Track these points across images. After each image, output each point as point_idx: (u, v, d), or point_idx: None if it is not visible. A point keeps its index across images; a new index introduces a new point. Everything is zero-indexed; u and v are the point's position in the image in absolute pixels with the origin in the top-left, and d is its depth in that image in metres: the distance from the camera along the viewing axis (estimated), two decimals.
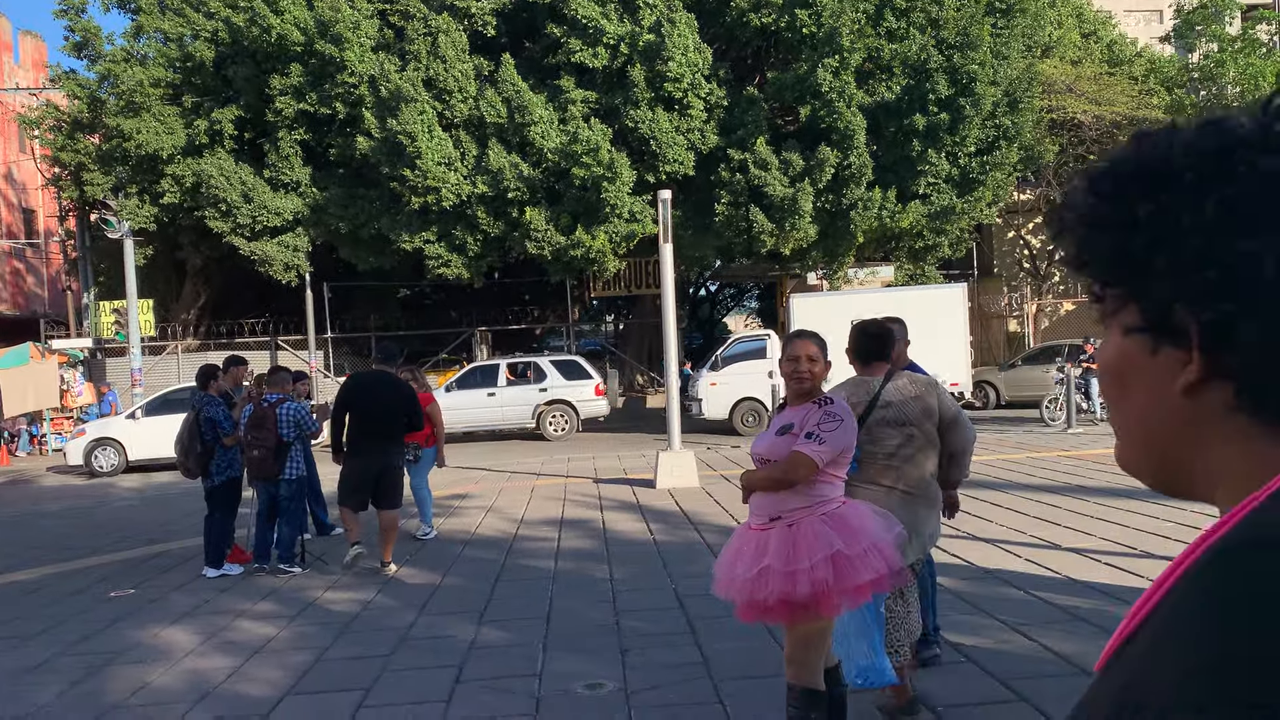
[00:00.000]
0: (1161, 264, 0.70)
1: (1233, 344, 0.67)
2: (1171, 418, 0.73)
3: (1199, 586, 0.65)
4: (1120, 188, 0.74)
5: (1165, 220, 0.69)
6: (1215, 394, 0.70)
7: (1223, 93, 25.49)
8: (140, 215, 23.03)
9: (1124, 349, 0.75)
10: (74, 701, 5.36)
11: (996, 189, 21.45)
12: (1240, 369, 0.68)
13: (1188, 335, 0.69)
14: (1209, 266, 0.67)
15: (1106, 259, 0.74)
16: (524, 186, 20.06)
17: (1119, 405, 0.78)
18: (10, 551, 10.50)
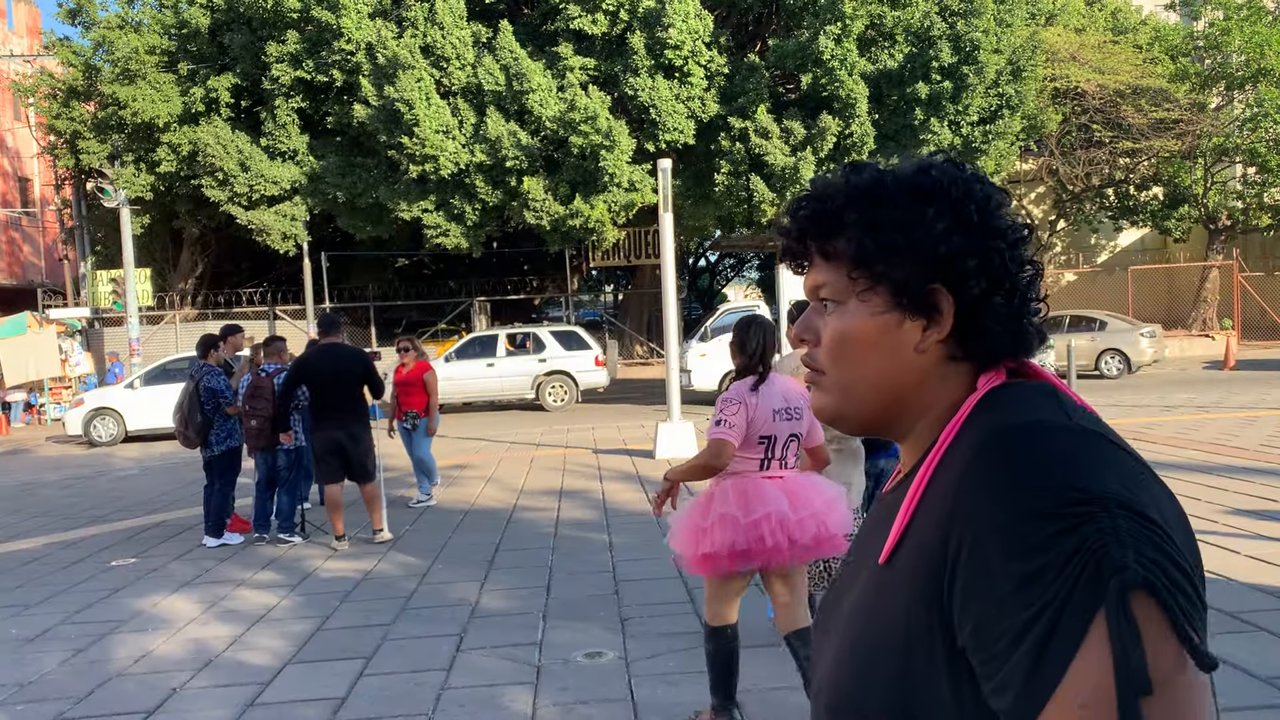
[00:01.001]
0: (934, 255, 0.96)
1: (978, 311, 0.96)
2: (907, 370, 0.99)
3: (993, 460, 0.87)
4: (896, 194, 0.97)
5: (941, 223, 0.96)
6: (943, 348, 0.98)
7: (1228, 61, 25.29)
8: (137, 184, 22.90)
9: (878, 320, 0.99)
10: (76, 669, 5.38)
11: (999, 158, 21.32)
12: (975, 330, 0.97)
13: (938, 307, 0.96)
14: (970, 257, 0.95)
15: (883, 249, 0.97)
16: (522, 155, 19.93)
17: (862, 366, 1.00)
18: (11, 521, 10.52)
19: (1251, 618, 5.02)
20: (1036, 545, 0.80)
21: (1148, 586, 0.78)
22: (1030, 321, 0.99)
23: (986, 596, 0.82)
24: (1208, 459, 9.91)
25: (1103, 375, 20.70)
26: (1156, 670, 0.76)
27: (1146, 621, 0.77)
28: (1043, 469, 0.84)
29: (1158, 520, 0.82)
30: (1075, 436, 0.88)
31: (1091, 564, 0.78)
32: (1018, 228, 0.99)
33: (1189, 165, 25.98)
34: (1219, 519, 7.24)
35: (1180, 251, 28.77)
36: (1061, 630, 0.77)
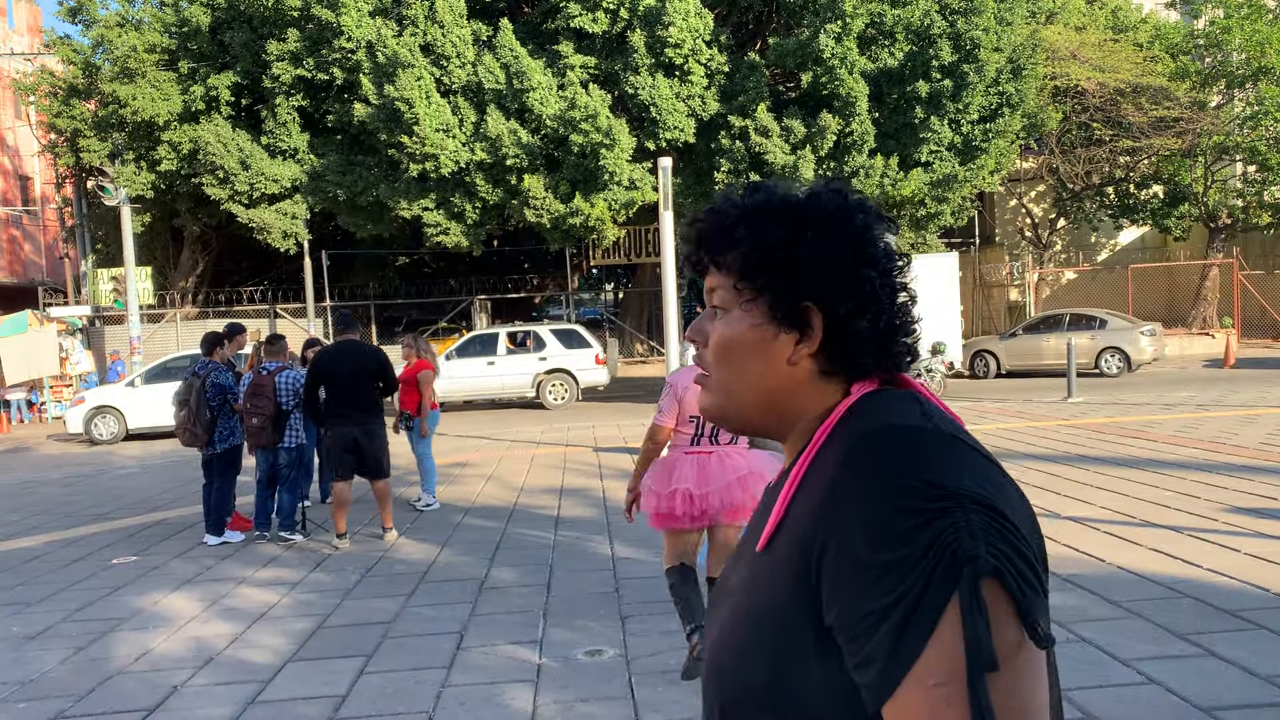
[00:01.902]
0: (809, 275, 1.04)
1: (845, 332, 1.04)
2: (781, 379, 1.07)
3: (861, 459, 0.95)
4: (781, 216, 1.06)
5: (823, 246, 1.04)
6: (815, 362, 1.06)
7: (1228, 59, 25.28)
8: (137, 182, 22.90)
9: (757, 329, 1.07)
10: (77, 667, 5.40)
11: (999, 157, 21.31)
12: (843, 348, 1.05)
13: (809, 324, 1.05)
14: (840, 282, 1.04)
15: (765, 264, 1.05)
16: (522, 153, 19.93)
17: (741, 370, 1.09)
18: (12, 519, 10.53)
19: (1251, 616, 5.03)
20: (898, 537, 0.88)
21: (996, 574, 0.86)
22: (900, 342, 1.08)
23: (853, 582, 0.90)
24: (1207, 457, 9.92)
25: (1103, 373, 20.71)
26: (1002, 648, 0.85)
27: (995, 605, 0.86)
28: (904, 468, 0.92)
29: (1007, 515, 0.90)
30: (934, 438, 0.96)
31: (947, 554, 0.86)
32: (892, 258, 1.08)
33: (1189, 163, 25.97)
34: (1219, 517, 7.25)
35: (1180, 250, 28.76)
36: (920, 614, 0.85)
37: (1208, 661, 4.45)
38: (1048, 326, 21.95)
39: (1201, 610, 5.17)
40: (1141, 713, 3.96)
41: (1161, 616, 5.09)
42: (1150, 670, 4.38)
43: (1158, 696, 4.10)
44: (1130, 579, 5.82)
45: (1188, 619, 5.04)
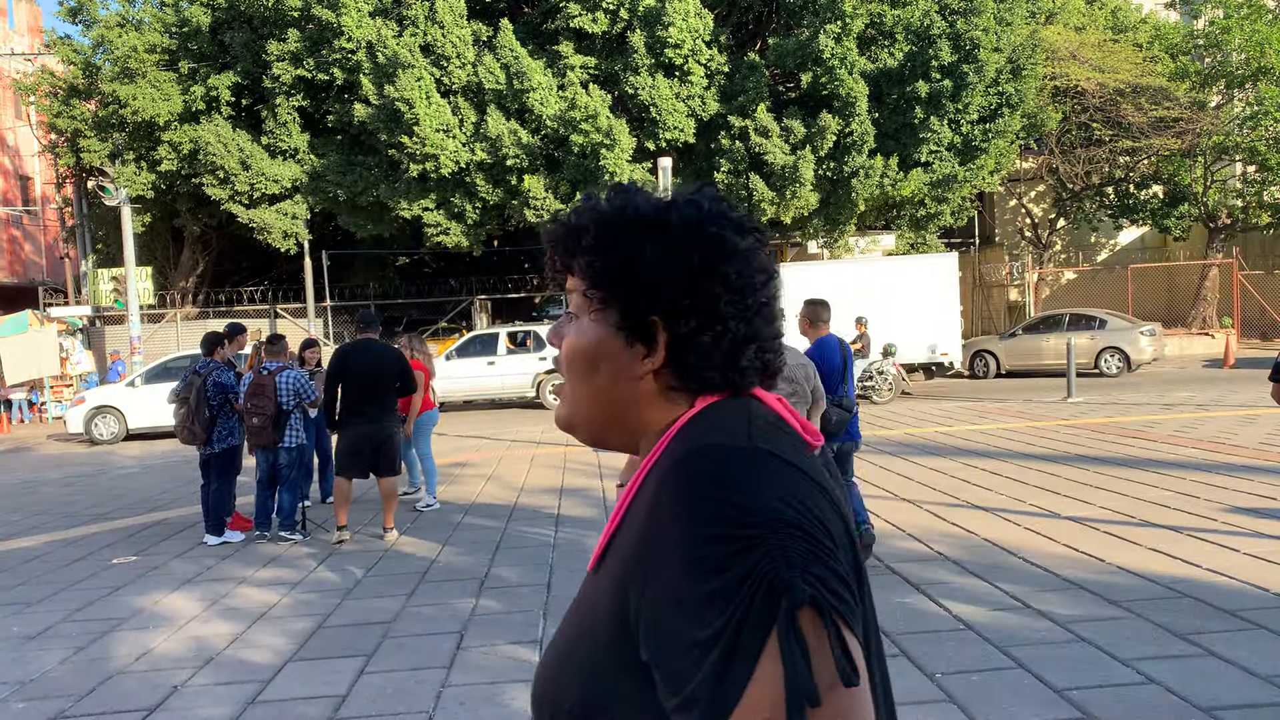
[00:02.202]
0: (653, 287, 1.01)
1: (687, 347, 1.02)
2: (628, 390, 1.05)
3: (674, 480, 0.93)
4: (630, 226, 1.03)
5: (666, 258, 1.01)
6: (661, 377, 1.04)
7: (1228, 60, 25.28)
8: (138, 182, 22.91)
9: (606, 340, 1.04)
10: (77, 667, 5.40)
11: (999, 157, 21.33)
12: (688, 363, 1.02)
13: (656, 338, 1.02)
14: (684, 296, 1.01)
15: (613, 273, 1.03)
16: (523, 154, 19.94)
17: (587, 380, 1.07)
18: (12, 519, 10.54)
19: (1251, 616, 5.04)
20: (712, 568, 0.85)
21: (814, 604, 0.84)
22: (752, 357, 1.04)
23: (668, 615, 0.87)
24: (1207, 457, 9.93)
25: (1102, 373, 20.71)
26: (823, 681, 0.82)
27: (813, 637, 0.83)
28: (710, 490, 0.90)
29: (818, 536, 0.88)
30: (744, 457, 0.93)
31: (764, 585, 0.83)
32: (747, 270, 1.03)
33: (1189, 164, 25.97)
34: (1218, 517, 7.25)
35: (1180, 250, 28.76)
36: (740, 650, 0.82)
37: (1208, 661, 4.45)
38: (1047, 326, 21.95)
39: (1201, 610, 5.17)
40: (1141, 713, 3.96)
41: (1161, 616, 5.09)
42: (1150, 670, 4.38)
43: (1158, 696, 4.10)
44: (1130, 579, 5.82)
45: (1188, 619, 5.04)
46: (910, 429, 13.75)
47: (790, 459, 0.95)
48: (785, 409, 1.06)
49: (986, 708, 4.09)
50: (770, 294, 1.06)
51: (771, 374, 1.08)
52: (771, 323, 1.06)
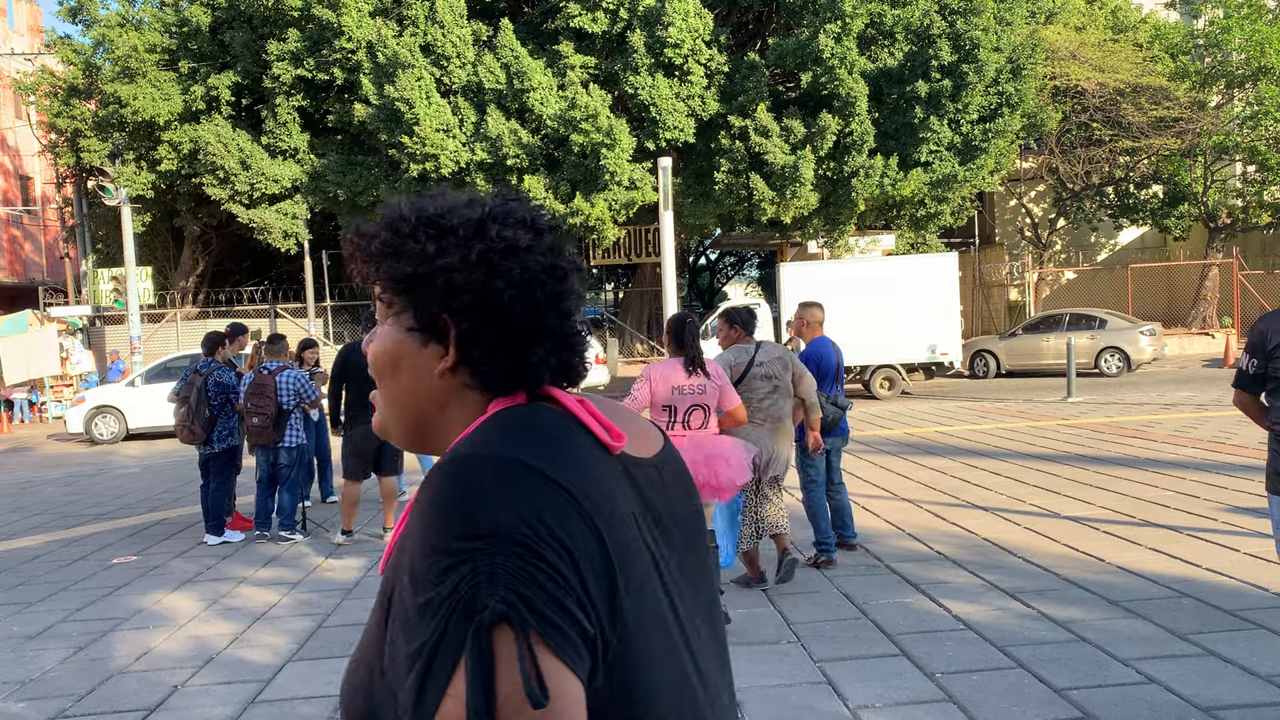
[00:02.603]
0: (438, 287, 1.04)
1: (474, 344, 1.04)
2: (430, 392, 1.08)
3: (422, 491, 0.95)
4: (416, 229, 1.06)
5: (446, 258, 1.04)
6: (457, 376, 1.06)
7: (1228, 59, 25.28)
8: (138, 182, 22.91)
9: (402, 342, 1.07)
10: (77, 667, 5.40)
11: (999, 157, 21.33)
12: (475, 360, 1.05)
13: (448, 336, 1.05)
14: (467, 293, 1.03)
15: (402, 277, 1.05)
16: (523, 153, 19.94)
17: (390, 384, 1.10)
18: (12, 519, 10.54)
19: (1251, 615, 5.04)
20: (430, 579, 0.87)
21: (511, 624, 0.85)
22: (544, 357, 1.07)
23: (396, 624, 0.90)
24: (1207, 457, 9.93)
25: (1102, 373, 20.71)
26: (510, 700, 0.83)
27: (504, 657, 0.84)
28: (448, 503, 0.91)
29: (551, 554, 0.88)
30: (494, 469, 0.94)
31: (464, 601, 0.85)
32: (532, 272, 1.05)
33: (1189, 163, 25.97)
34: (1218, 517, 7.25)
35: (1180, 250, 28.76)
36: (437, 664, 0.85)
37: (1208, 661, 4.45)
38: (1047, 326, 21.95)
39: (1201, 610, 5.17)
40: (1141, 712, 3.96)
41: (1161, 616, 5.10)
42: (1150, 670, 4.38)
43: (1158, 696, 4.10)
44: (1130, 579, 5.82)
45: (1188, 619, 5.04)
46: (910, 429, 13.75)
47: (550, 472, 0.94)
48: (586, 411, 1.06)
49: (986, 707, 4.09)
50: (562, 290, 1.08)
51: (570, 373, 1.11)
52: (564, 319, 1.08)
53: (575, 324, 1.11)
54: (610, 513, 0.97)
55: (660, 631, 1.00)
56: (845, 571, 6.37)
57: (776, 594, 5.94)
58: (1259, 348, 3.70)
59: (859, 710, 4.15)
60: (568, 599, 0.88)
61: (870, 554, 6.77)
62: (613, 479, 1.01)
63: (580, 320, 1.12)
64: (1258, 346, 3.71)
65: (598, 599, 0.91)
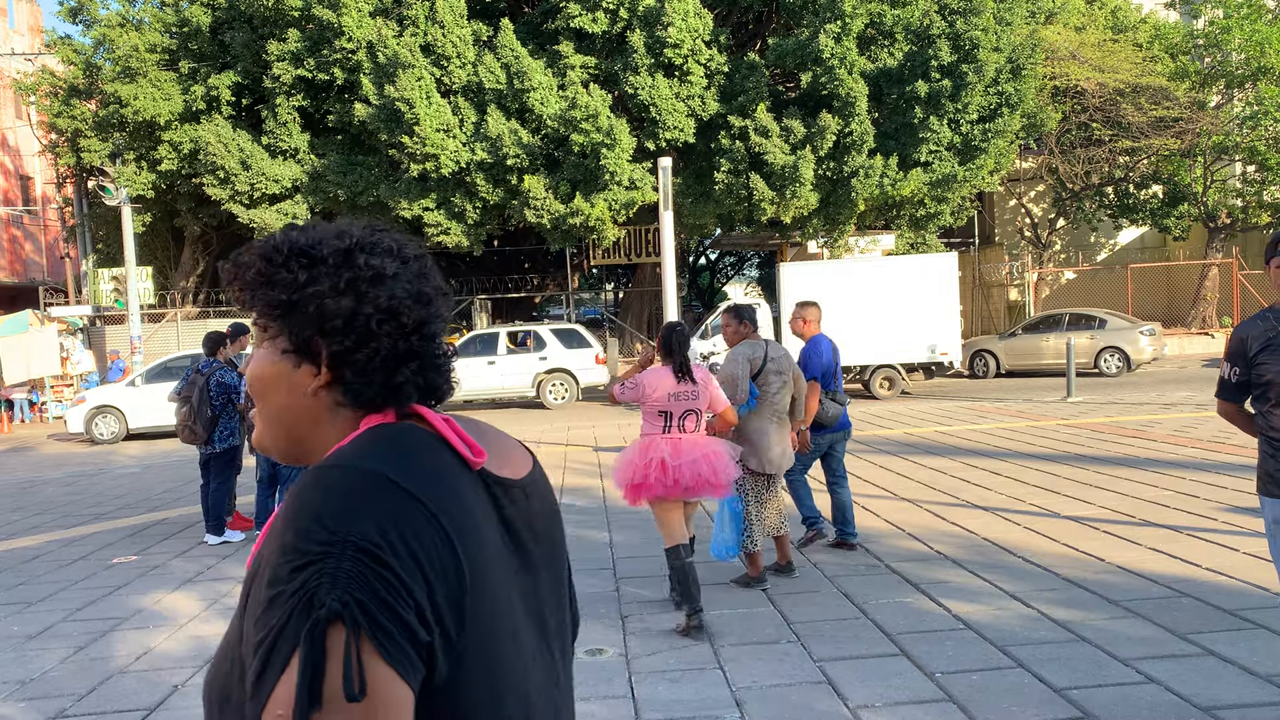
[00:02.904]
0: (310, 312, 1.11)
1: (344, 365, 1.11)
2: (304, 410, 1.15)
3: (288, 496, 1.02)
4: (289, 259, 1.13)
5: (317, 285, 1.11)
6: (329, 394, 1.14)
7: (1228, 59, 25.28)
8: (138, 182, 22.91)
9: (278, 363, 1.15)
10: (78, 667, 5.40)
11: (998, 157, 21.33)
12: (346, 380, 1.12)
13: (320, 358, 1.12)
14: (337, 317, 1.10)
15: (276, 303, 1.13)
16: (523, 154, 19.94)
17: (267, 402, 1.17)
18: (12, 519, 10.54)
19: (1250, 615, 5.04)
20: (280, 577, 0.95)
21: (344, 623, 0.93)
22: (411, 377, 1.15)
23: (249, 612, 0.99)
24: (1206, 456, 9.93)
25: (1102, 373, 20.72)
26: (334, 693, 0.91)
27: (334, 652, 0.92)
28: (308, 508, 0.99)
29: (397, 563, 0.96)
30: (351, 479, 1.02)
31: (306, 599, 0.93)
32: (398, 299, 1.13)
33: (1188, 163, 25.98)
34: (1218, 516, 7.25)
35: (1180, 250, 28.76)
36: (277, 652, 0.93)
37: (1207, 661, 4.46)
38: (1047, 326, 21.96)
39: (1201, 610, 5.18)
40: (1141, 712, 3.96)
41: (1161, 616, 5.10)
42: (1150, 669, 4.38)
43: (1157, 696, 4.11)
44: (1130, 579, 5.83)
45: (1188, 619, 5.04)
46: (910, 428, 13.75)
47: (408, 485, 1.02)
48: (450, 429, 1.14)
49: (986, 707, 4.09)
50: (428, 315, 1.16)
51: (436, 392, 1.19)
52: (430, 341, 1.17)
53: (441, 346, 1.20)
54: (466, 526, 1.05)
55: (507, 636, 1.08)
56: (845, 571, 6.38)
57: (776, 594, 5.95)
58: (1240, 355, 3.62)
59: (859, 710, 4.15)
60: (404, 608, 0.95)
61: (870, 554, 6.78)
62: (471, 494, 1.10)
63: (445, 342, 1.21)
64: (1238, 354, 3.63)
65: (444, 607, 0.99)
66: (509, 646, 1.08)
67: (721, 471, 5.38)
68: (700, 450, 5.37)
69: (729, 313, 6.24)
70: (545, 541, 1.22)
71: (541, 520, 1.23)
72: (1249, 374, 3.60)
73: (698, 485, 5.34)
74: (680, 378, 5.47)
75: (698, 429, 5.53)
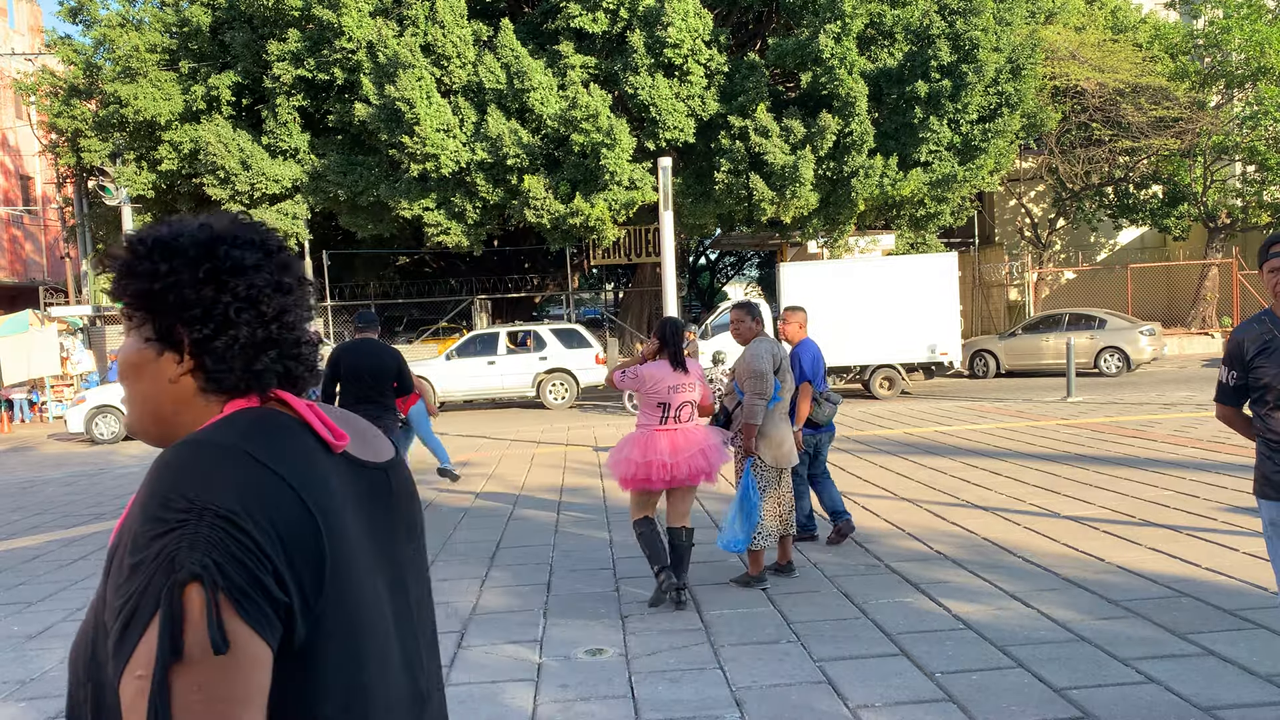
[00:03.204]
0: (171, 302, 1.17)
1: (205, 352, 1.17)
2: (168, 395, 1.21)
3: (151, 469, 1.08)
4: (151, 251, 1.18)
5: (177, 275, 1.17)
6: (193, 381, 1.19)
7: (1227, 59, 25.28)
8: (138, 182, 22.91)
9: (142, 351, 1.20)
10: None
11: (998, 157, 21.32)
12: (207, 367, 1.18)
13: (182, 345, 1.18)
14: (198, 306, 1.16)
15: (139, 293, 1.18)
16: (523, 153, 19.94)
17: (134, 388, 1.22)
18: (13, 518, 10.54)
19: (1251, 615, 5.05)
20: (141, 544, 1.02)
21: (203, 584, 0.99)
22: (271, 364, 1.20)
23: (111, 581, 1.04)
24: (1206, 456, 9.94)
25: (1102, 373, 20.72)
26: (195, 647, 0.98)
27: (194, 611, 0.98)
28: (169, 479, 1.05)
29: (256, 531, 1.03)
30: (210, 453, 1.08)
31: (166, 563, 1.00)
32: (257, 288, 1.19)
33: (1188, 163, 25.98)
34: (1218, 516, 7.26)
35: (1179, 250, 28.76)
36: (139, 614, 0.99)
37: (1207, 661, 4.46)
38: (1047, 326, 21.96)
39: (1201, 610, 5.18)
40: (1141, 712, 3.97)
41: (1161, 616, 5.11)
42: (1150, 669, 4.39)
43: (1157, 695, 4.11)
44: (1130, 578, 5.83)
45: (1187, 619, 5.05)
46: (909, 428, 13.76)
47: (266, 460, 1.09)
48: (313, 414, 1.20)
49: (986, 707, 4.10)
50: (288, 304, 1.21)
51: (295, 380, 1.23)
52: (289, 330, 1.21)
53: (301, 335, 1.24)
54: (324, 499, 1.11)
55: (368, 604, 1.15)
56: (845, 571, 6.39)
57: (776, 594, 5.95)
58: (1237, 359, 3.62)
59: (858, 710, 4.15)
60: (263, 572, 1.02)
61: (870, 554, 6.78)
62: (332, 475, 1.16)
63: (306, 332, 1.25)
64: (1235, 358, 3.62)
65: (303, 572, 1.06)
66: (370, 614, 1.15)
67: (714, 460, 5.75)
68: (697, 445, 5.70)
69: (742, 308, 6.31)
70: (405, 520, 1.30)
71: (402, 501, 1.31)
72: (1246, 378, 3.60)
73: (692, 476, 5.71)
74: (676, 368, 5.77)
75: (692, 419, 5.83)
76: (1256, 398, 3.59)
